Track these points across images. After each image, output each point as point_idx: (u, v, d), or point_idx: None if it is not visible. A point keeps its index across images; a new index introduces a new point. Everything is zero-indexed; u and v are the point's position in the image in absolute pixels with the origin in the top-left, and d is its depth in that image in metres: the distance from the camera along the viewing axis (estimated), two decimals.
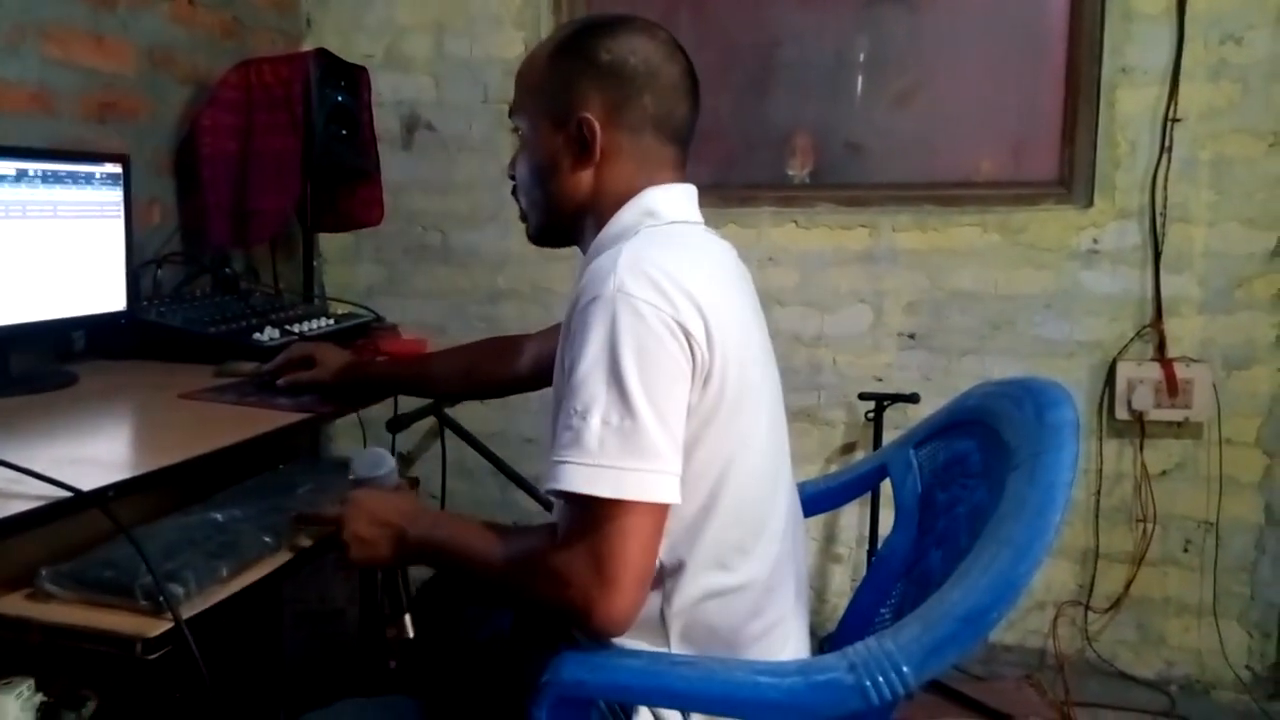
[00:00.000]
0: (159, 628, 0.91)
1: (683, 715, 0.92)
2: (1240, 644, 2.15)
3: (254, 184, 1.95)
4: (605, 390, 0.82)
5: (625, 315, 0.82)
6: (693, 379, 0.85)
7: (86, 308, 1.51)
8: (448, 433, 2.35)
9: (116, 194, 1.55)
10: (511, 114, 1.06)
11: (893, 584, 1.15)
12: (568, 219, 1.02)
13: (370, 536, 0.99)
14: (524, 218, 1.08)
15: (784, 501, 1.00)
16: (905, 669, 0.75)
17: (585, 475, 0.81)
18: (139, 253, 1.72)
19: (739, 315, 0.93)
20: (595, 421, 0.81)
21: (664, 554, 0.90)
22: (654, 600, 0.91)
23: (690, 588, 0.91)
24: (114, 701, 1.18)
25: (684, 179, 1.02)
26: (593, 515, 0.82)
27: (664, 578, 0.91)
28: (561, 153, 0.99)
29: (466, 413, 2.37)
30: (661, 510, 0.84)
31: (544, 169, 1.01)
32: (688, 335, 0.84)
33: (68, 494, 0.89)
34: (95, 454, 1.10)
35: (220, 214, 1.97)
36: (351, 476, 1.10)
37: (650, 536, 0.84)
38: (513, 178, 1.07)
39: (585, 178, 0.99)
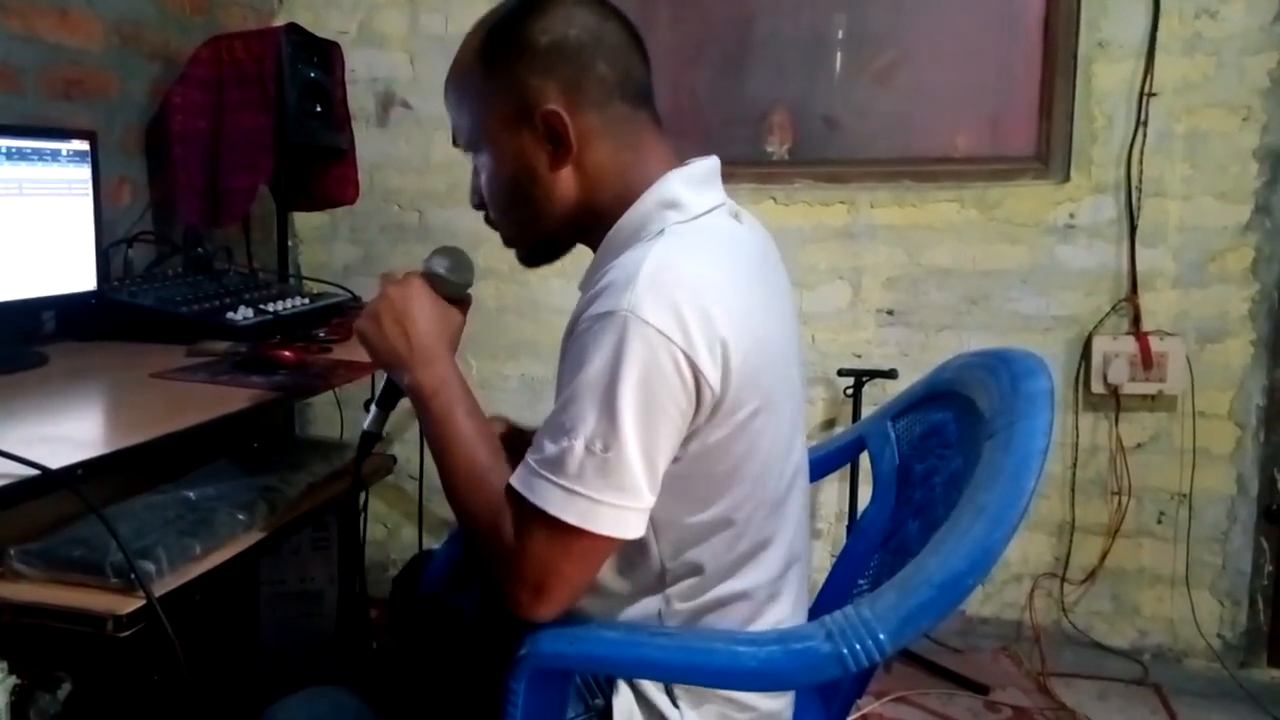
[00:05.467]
0: (130, 605, 0.90)
1: (663, 686, 0.92)
2: (1212, 613, 2.18)
3: (226, 162, 1.92)
4: (596, 415, 0.78)
5: (634, 342, 0.77)
6: (698, 413, 0.81)
7: (55, 288, 1.48)
8: None
9: (84, 171, 1.52)
10: (458, 138, 0.96)
11: (870, 555, 1.15)
12: (563, 226, 0.94)
13: (383, 331, 0.93)
14: (510, 243, 0.99)
15: (797, 510, 0.98)
16: (882, 636, 0.75)
17: (558, 498, 0.79)
18: (109, 232, 1.69)
19: (765, 330, 0.87)
20: (579, 445, 0.78)
21: (670, 560, 0.89)
22: (653, 603, 0.90)
23: (693, 594, 0.90)
24: (90, 684, 1.17)
25: (666, 141, 0.95)
26: (552, 532, 0.80)
27: (667, 582, 0.90)
28: (532, 157, 0.90)
29: None
30: (619, 543, 0.82)
31: (519, 182, 0.92)
32: (697, 375, 0.79)
33: (35, 472, 0.88)
34: (64, 433, 1.08)
35: (192, 193, 1.94)
36: (425, 264, 0.99)
37: (598, 562, 0.84)
38: (479, 206, 0.98)
39: (566, 175, 0.91)
